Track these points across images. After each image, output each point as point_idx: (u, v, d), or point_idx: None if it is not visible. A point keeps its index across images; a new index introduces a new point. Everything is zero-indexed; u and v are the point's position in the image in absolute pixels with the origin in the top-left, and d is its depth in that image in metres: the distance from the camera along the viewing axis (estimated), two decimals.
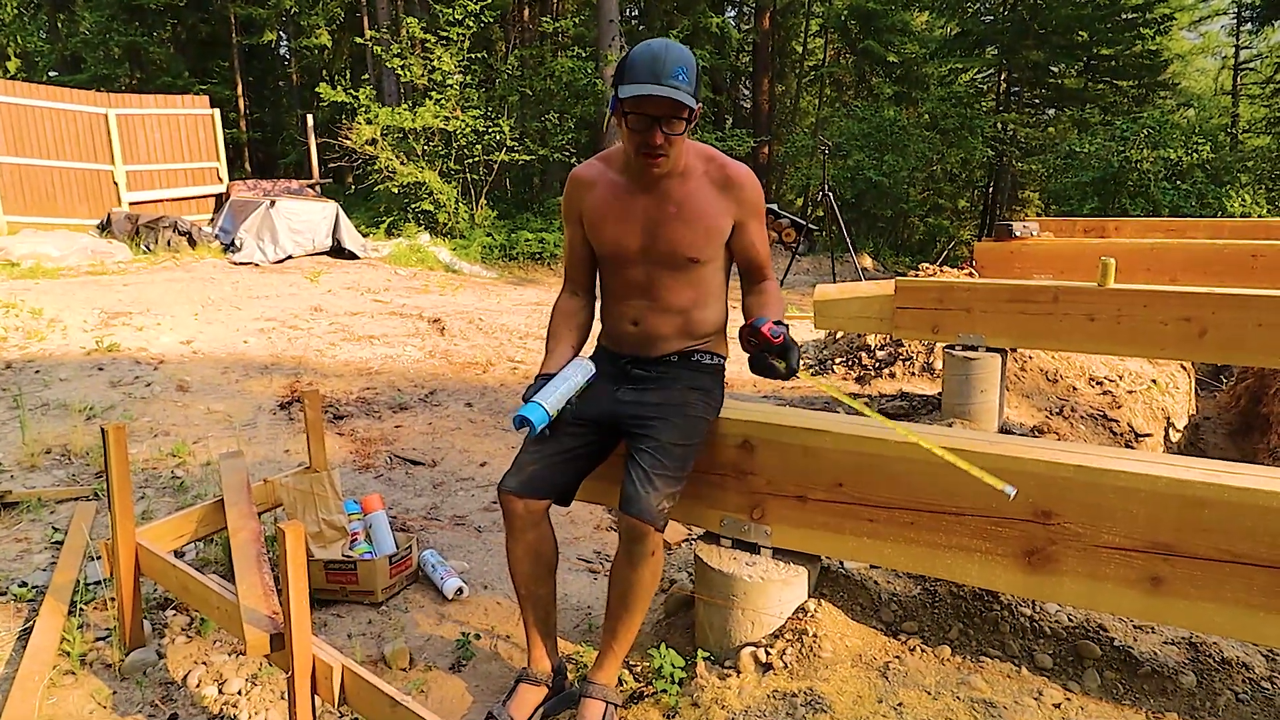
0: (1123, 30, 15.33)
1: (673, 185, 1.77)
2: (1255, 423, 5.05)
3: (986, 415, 3.75)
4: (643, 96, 1.60)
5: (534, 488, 1.83)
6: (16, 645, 2.15)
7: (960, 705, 1.64)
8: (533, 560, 1.87)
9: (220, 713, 1.96)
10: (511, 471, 1.85)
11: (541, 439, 1.83)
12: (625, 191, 1.80)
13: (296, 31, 19.84)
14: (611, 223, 1.82)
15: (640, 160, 1.71)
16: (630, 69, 1.63)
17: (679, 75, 1.61)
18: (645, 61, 1.61)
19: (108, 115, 9.86)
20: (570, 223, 1.93)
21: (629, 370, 1.92)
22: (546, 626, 1.93)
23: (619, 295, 1.89)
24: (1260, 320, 3.13)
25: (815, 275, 12.06)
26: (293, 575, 1.54)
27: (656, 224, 1.78)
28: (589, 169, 1.89)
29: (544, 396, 1.73)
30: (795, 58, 20.95)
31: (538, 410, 1.70)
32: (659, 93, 1.59)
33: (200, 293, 6.88)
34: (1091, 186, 11.37)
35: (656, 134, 1.65)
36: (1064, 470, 1.62)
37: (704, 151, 1.82)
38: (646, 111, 1.63)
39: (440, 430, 4.25)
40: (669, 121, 1.64)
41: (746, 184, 1.80)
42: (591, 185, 1.86)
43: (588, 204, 1.86)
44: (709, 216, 1.78)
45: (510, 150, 12.36)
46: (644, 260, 1.82)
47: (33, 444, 3.50)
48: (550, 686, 1.89)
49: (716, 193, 1.78)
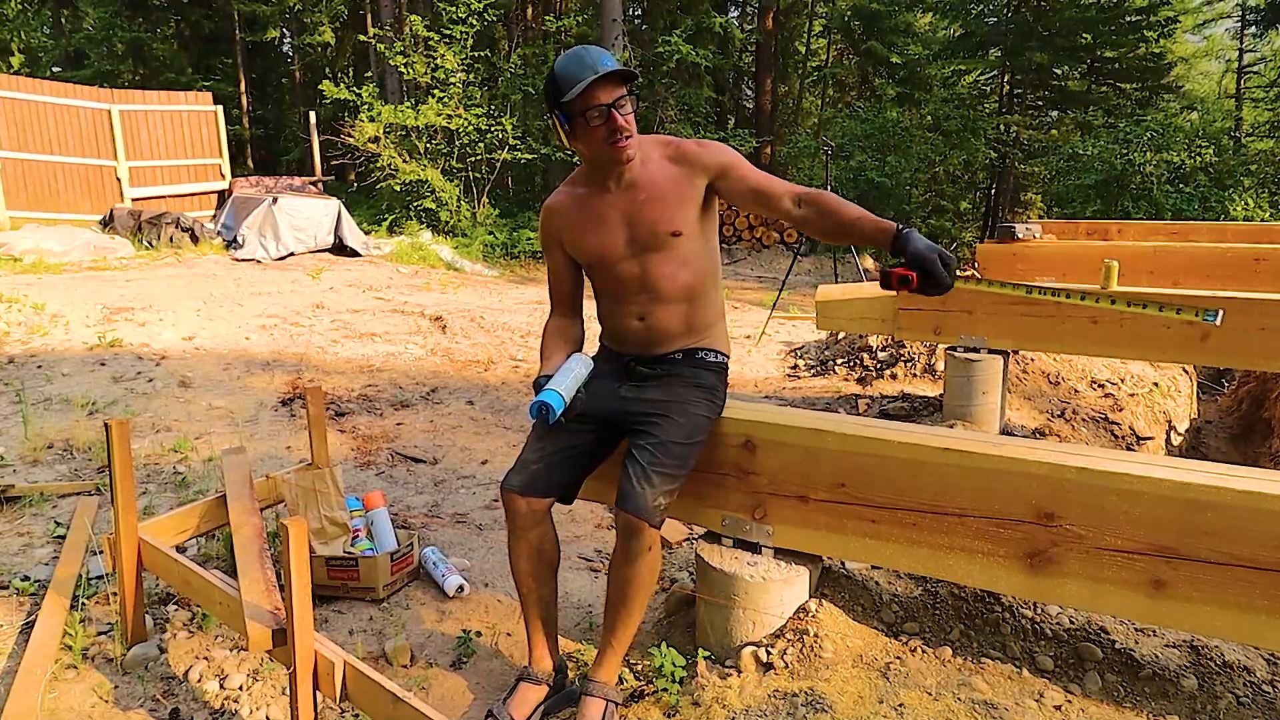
0: (1126, 33, 15.31)
1: (637, 176, 1.82)
2: (1257, 427, 5.04)
3: (988, 417, 3.75)
4: (591, 84, 1.67)
5: (537, 486, 1.84)
6: (19, 639, 2.16)
7: (961, 706, 1.64)
8: (535, 559, 1.88)
9: (222, 708, 1.96)
10: (515, 470, 1.86)
11: (544, 437, 1.86)
12: (596, 200, 1.86)
13: (300, 28, 19.86)
14: (591, 231, 1.87)
15: (610, 151, 1.75)
16: (564, 78, 1.70)
17: (606, 61, 1.69)
18: (574, 63, 1.70)
19: (111, 111, 9.87)
20: (550, 250, 1.98)
21: (632, 368, 1.93)
22: (548, 625, 1.93)
23: (618, 296, 1.91)
24: (1263, 324, 3.13)
25: (817, 276, 12.06)
26: (296, 571, 1.54)
27: (632, 213, 1.83)
28: (556, 196, 1.96)
29: (557, 384, 1.76)
30: (798, 58, 20.93)
31: (555, 396, 1.73)
32: (610, 69, 1.67)
33: (202, 289, 6.89)
34: (1094, 189, 11.37)
35: (615, 117, 1.71)
36: (1067, 472, 1.62)
37: (660, 139, 1.87)
38: (599, 102, 1.69)
39: (441, 428, 4.25)
40: (619, 103, 1.70)
41: (699, 148, 1.83)
42: (563, 208, 1.93)
43: (564, 225, 1.92)
44: (675, 187, 1.81)
45: (512, 149, 12.36)
46: (632, 252, 1.85)
47: (35, 438, 3.51)
48: (551, 685, 1.89)
49: (675, 167, 1.83)
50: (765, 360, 5.99)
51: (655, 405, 1.84)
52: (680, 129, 13.90)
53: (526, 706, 1.84)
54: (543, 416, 1.72)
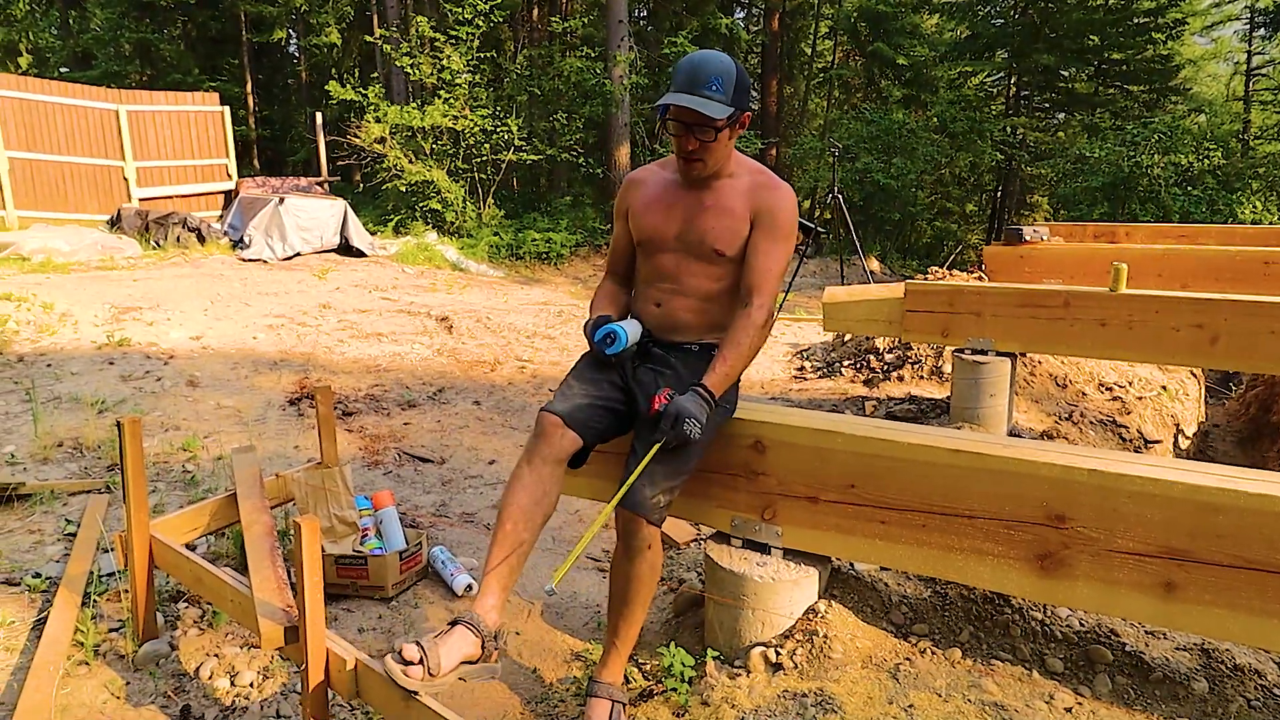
0: (1134, 35, 15.25)
1: (714, 185, 1.88)
2: (1265, 430, 5.03)
3: (995, 420, 3.75)
4: (674, 105, 1.74)
5: (576, 419, 1.80)
6: (31, 636, 2.17)
7: (971, 708, 1.64)
8: (534, 496, 1.73)
9: (232, 704, 1.97)
10: (559, 397, 1.84)
11: (587, 380, 1.89)
12: (672, 187, 1.93)
13: (306, 29, 19.91)
14: (654, 212, 1.93)
15: (680, 160, 1.85)
16: (673, 78, 1.78)
17: (713, 85, 1.73)
18: (684, 71, 1.75)
19: (118, 111, 9.91)
20: (619, 218, 2.05)
21: (648, 347, 1.95)
22: (508, 578, 1.70)
23: (648, 280, 1.98)
24: (1272, 328, 3.12)
25: (823, 278, 12.05)
26: (308, 569, 1.55)
27: (692, 215, 1.89)
28: (644, 171, 2.03)
29: (623, 325, 1.84)
30: (804, 59, 20.91)
31: (621, 330, 1.81)
32: (685, 103, 1.72)
33: (209, 289, 6.91)
34: (1101, 191, 11.34)
35: (689, 139, 1.78)
36: (1078, 474, 1.62)
37: (756, 166, 1.93)
38: (680, 119, 1.76)
39: (448, 428, 4.26)
40: (699, 129, 1.76)
41: (776, 190, 1.87)
42: (643, 183, 1.99)
43: (636, 198, 1.98)
44: (735, 214, 1.86)
45: (518, 150, 12.37)
46: (676, 247, 1.90)
47: (45, 437, 3.53)
48: (483, 649, 1.61)
49: (746, 199, 1.87)
50: (771, 362, 5.99)
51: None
52: None
53: (455, 655, 1.55)
54: (607, 344, 1.80)
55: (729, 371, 1.78)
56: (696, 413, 1.69)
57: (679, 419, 1.67)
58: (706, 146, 1.78)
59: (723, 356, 1.79)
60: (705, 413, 1.71)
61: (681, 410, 1.68)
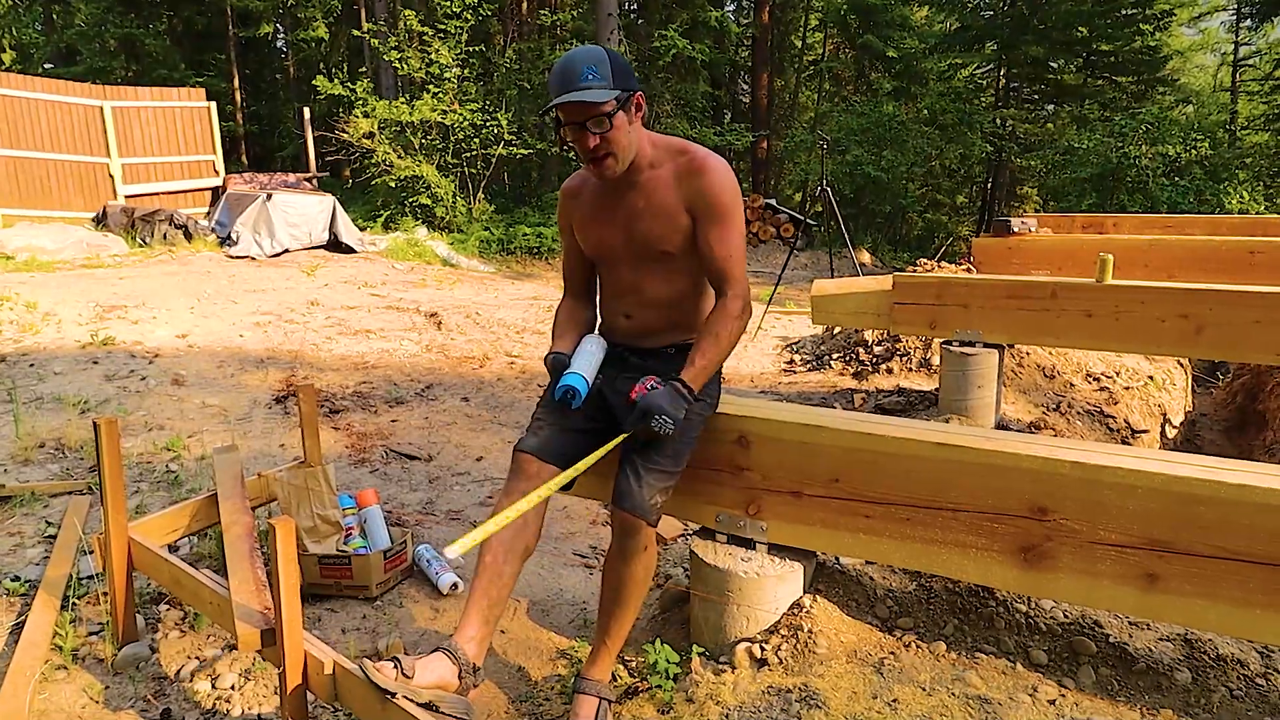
0: (1122, 26, 15.29)
1: (644, 180, 1.79)
2: (1251, 419, 5.05)
3: (984, 411, 3.75)
4: (557, 106, 1.66)
5: (549, 451, 1.80)
6: (9, 640, 2.14)
7: (955, 701, 1.64)
8: (515, 528, 1.71)
9: (213, 708, 1.95)
10: (530, 433, 1.84)
11: (553, 410, 1.85)
12: (608, 194, 1.84)
13: (293, 24, 19.77)
14: (596, 225, 1.87)
15: (588, 165, 1.75)
16: (549, 87, 1.69)
17: (587, 75, 1.64)
18: (556, 74, 1.67)
19: (103, 108, 9.81)
20: (565, 233, 1.99)
21: (626, 357, 1.92)
22: (489, 611, 1.69)
23: (612, 293, 1.94)
24: (1258, 317, 3.13)
25: (813, 270, 12.06)
26: (283, 570, 1.53)
27: (631, 220, 1.81)
28: (575, 179, 1.95)
29: (579, 367, 1.79)
30: (794, 52, 20.88)
31: (579, 379, 1.76)
32: (566, 99, 1.64)
33: (196, 286, 6.86)
34: (1090, 182, 11.37)
35: (587, 137, 1.67)
36: (1061, 467, 1.61)
37: (677, 145, 1.81)
38: (571, 119, 1.67)
39: (436, 425, 4.24)
40: (593, 122, 1.66)
41: (702, 174, 1.75)
42: (578, 194, 1.92)
43: (576, 214, 1.92)
44: (670, 210, 1.77)
45: (508, 144, 12.32)
46: (627, 256, 1.85)
47: (26, 437, 3.49)
48: (460, 679, 1.58)
49: (674, 188, 1.77)
50: (761, 355, 5.98)
51: None
52: (676, 124, 13.85)
53: (431, 676, 1.53)
54: (568, 400, 1.75)
55: (707, 365, 1.76)
56: (669, 408, 1.67)
57: (647, 413, 1.66)
58: (607, 138, 1.67)
59: (701, 350, 1.76)
60: (681, 408, 1.69)
61: (651, 405, 1.66)
